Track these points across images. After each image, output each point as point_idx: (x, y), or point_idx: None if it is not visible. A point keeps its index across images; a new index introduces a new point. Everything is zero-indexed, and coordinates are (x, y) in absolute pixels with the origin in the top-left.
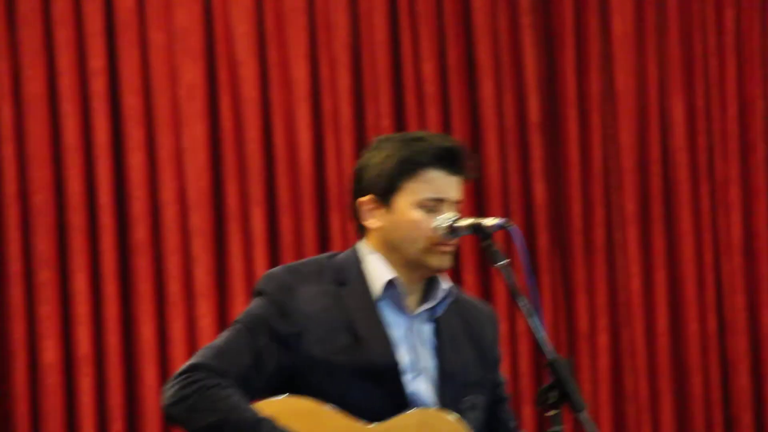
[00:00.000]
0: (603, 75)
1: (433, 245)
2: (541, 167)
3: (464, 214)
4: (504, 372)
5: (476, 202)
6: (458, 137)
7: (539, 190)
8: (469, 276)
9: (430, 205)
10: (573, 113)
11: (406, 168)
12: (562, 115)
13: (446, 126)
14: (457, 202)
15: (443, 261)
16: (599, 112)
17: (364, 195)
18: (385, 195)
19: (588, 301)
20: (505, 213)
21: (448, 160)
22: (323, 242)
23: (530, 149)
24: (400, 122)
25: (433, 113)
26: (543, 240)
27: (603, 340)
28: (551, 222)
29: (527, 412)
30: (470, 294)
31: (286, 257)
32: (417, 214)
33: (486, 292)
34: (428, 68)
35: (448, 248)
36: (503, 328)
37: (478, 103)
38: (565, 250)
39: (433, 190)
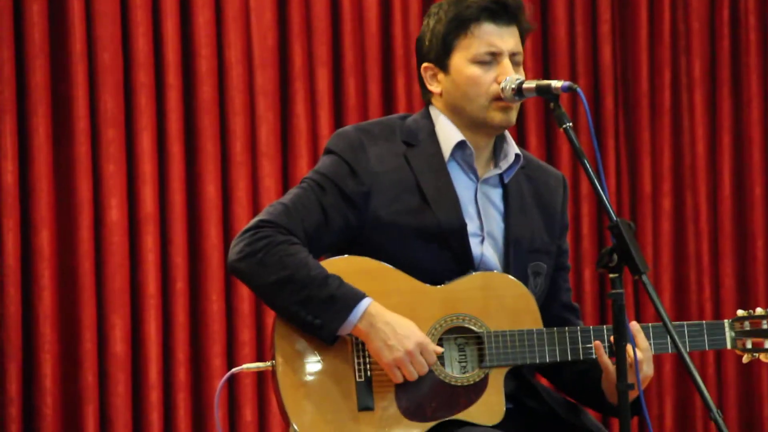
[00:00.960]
0: None
1: (494, 100)
2: (609, 29)
3: (529, 76)
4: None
5: (543, 64)
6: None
7: (606, 52)
8: (533, 139)
9: (485, 60)
10: None
11: (456, 26)
12: None
13: None
14: (515, 54)
15: (505, 117)
16: None
17: (424, 62)
18: (442, 58)
19: (652, 163)
20: (571, 76)
21: (498, 12)
22: (388, 103)
23: (598, 12)
24: None
25: None
26: (609, 102)
27: (667, 202)
28: (617, 84)
29: (588, 274)
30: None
31: (351, 118)
32: (474, 70)
33: (550, 155)
34: None
35: (508, 104)
36: None
37: None
38: (630, 112)
39: (485, 44)
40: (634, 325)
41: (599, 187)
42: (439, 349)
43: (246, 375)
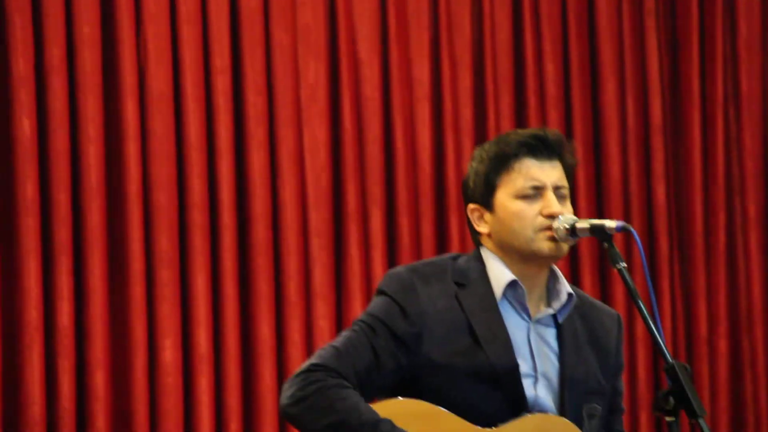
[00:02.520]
0: (728, 77)
1: (540, 231)
2: (663, 169)
3: (583, 216)
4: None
5: (597, 204)
6: (579, 139)
7: (660, 193)
8: (587, 278)
9: (529, 194)
10: (696, 115)
11: (498, 164)
12: (686, 117)
13: (567, 127)
14: (559, 188)
15: (555, 246)
16: (723, 115)
17: (470, 204)
18: (487, 198)
19: (708, 305)
20: (625, 215)
21: (538, 147)
22: (441, 243)
23: (652, 151)
24: (521, 123)
25: (554, 115)
26: (663, 243)
27: (723, 345)
28: (672, 225)
29: (644, 418)
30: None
31: (405, 258)
32: (518, 205)
33: (604, 295)
34: (550, 69)
35: (554, 233)
36: None
37: (600, 105)
38: (685, 253)
39: (527, 178)
40: None
41: (654, 329)
42: None
43: None
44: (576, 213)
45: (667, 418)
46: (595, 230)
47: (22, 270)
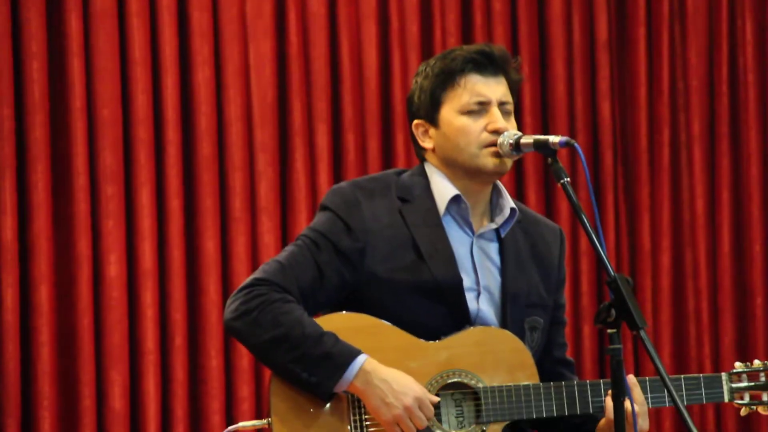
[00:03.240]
0: None
1: (485, 147)
2: (608, 86)
3: (528, 132)
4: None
5: (542, 121)
6: (525, 56)
7: (605, 109)
8: (532, 194)
9: (474, 109)
10: (642, 32)
11: (443, 80)
12: (631, 33)
13: (513, 43)
14: (504, 103)
15: (499, 162)
16: (668, 32)
17: (415, 120)
18: (431, 113)
19: (651, 219)
20: (570, 131)
21: (484, 63)
22: (387, 159)
23: (598, 68)
24: (467, 40)
25: (500, 31)
26: (608, 158)
27: (666, 259)
28: (617, 141)
29: (587, 330)
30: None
31: (350, 174)
32: (463, 121)
33: (548, 210)
34: None
35: (498, 149)
36: None
37: (546, 21)
38: (630, 168)
39: (473, 94)
40: (631, 379)
41: (597, 243)
42: (435, 399)
43: None
44: (522, 129)
45: (609, 330)
46: (539, 145)
47: None
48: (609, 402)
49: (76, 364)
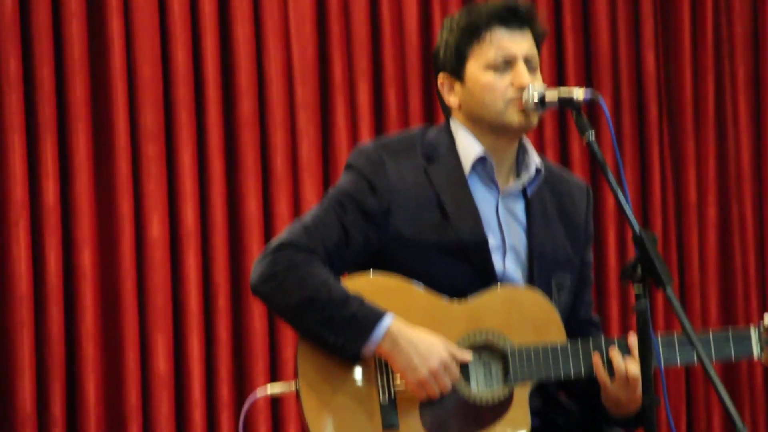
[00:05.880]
0: None
1: (511, 103)
2: (652, 36)
3: (572, 83)
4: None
5: (585, 73)
6: (568, 7)
7: (650, 60)
8: (551, 150)
9: (499, 65)
10: None
11: (468, 34)
12: None
13: None
14: (529, 59)
15: (525, 118)
16: None
17: (440, 74)
18: (457, 68)
19: (697, 173)
20: (614, 83)
21: (509, 17)
22: (429, 115)
23: (641, 18)
24: None
25: None
26: (653, 111)
27: (712, 213)
28: (661, 92)
29: (613, 286)
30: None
31: (392, 130)
32: (488, 77)
33: (568, 166)
34: None
35: (524, 105)
36: None
37: None
38: (675, 121)
39: (498, 49)
40: (632, 340)
41: (623, 199)
42: (468, 357)
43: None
44: (565, 82)
45: (635, 288)
46: (564, 101)
47: (6, 148)
48: (617, 359)
49: (119, 326)
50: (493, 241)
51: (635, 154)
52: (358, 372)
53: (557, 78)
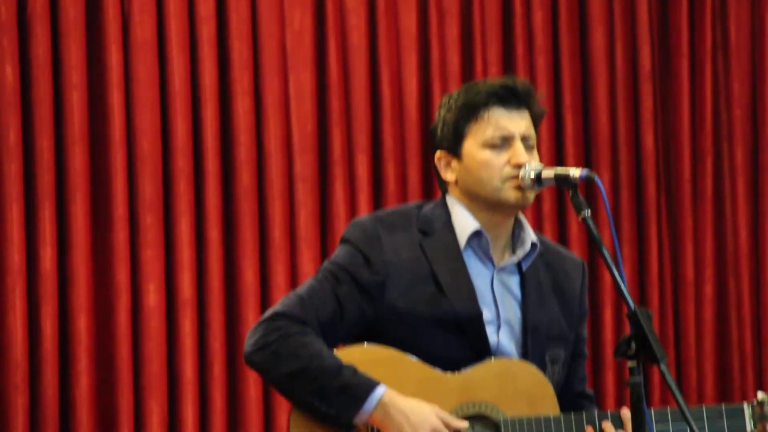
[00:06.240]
0: (716, 25)
1: (507, 181)
2: (651, 116)
3: (571, 163)
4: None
5: (585, 151)
6: (568, 86)
7: (648, 140)
8: (549, 226)
9: (497, 143)
10: (685, 63)
11: (467, 113)
12: (674, 64)
13: (555, 74)
14: (527, 138)
15: (521, 195)
16: (711, 62)
17: (437, 151)
18: (454, 146)
19: (695, 250)
20: (613, 162)
21: (507, 97)
22: (428, 190)
23: (641, 98)
24: (508, 70)
25: (542, 62)
26: (651, 189)
27: (709, 289)
28: (660, 171)
29: (609, 360)
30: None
31: (390, 204)
32: (486, 154)
33: (565, 243)
34: (539, 17)
35: (520, 182)
36: None
37: (588, 52)
38: (673, 198)
39: (496, 128)
40: (625, 413)
41: (617, 276)
42: (462, 425)
43: None
44: (564, 159)
45: (629, 363)
46: (560, 179)
47: (5, 215)
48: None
49: (114, 393)
50: (487, 314)
51: (633, 231)
52: None
53: (556, 156)
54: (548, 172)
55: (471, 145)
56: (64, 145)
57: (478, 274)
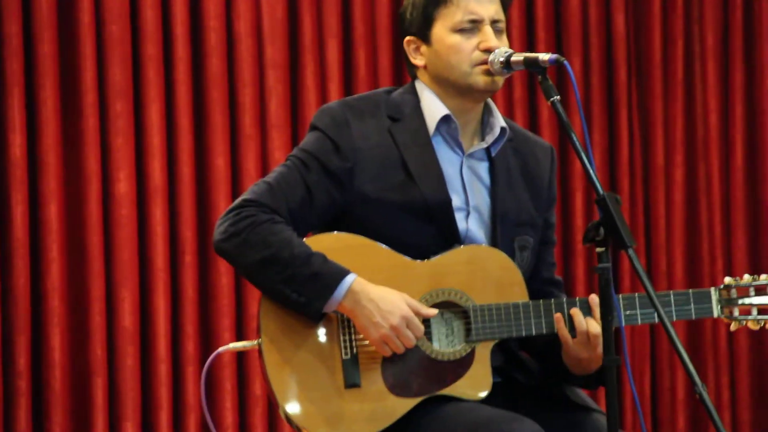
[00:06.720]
0: None
1: (477, 66)
2: (622, 0)
3: (541, 47)
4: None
5: (555, 35)
6: None
7: (619, 22)
8: (520, 112)
9: (466, 27)
10: None
11: None
12: None
13: None
14: (496, 21)
15: (490, 80)
16: None
17: (406, 36)
18: (423, 30)
19: (665, 135)
20: (584, 45)
21: None
22: (398, 75)
23: None
24: None
25: None
26: (622, 73)
27: (679, 174)
28: (630, 54)
29: (579, 247)
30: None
31: (360, 90)
32: (455, 39)
33: (535, 129)
34: None
35: (489, 67)
36: None
37: None
38: (643, 83)
39: (465, 12)
40: (593, 299)
41: (586, 161)
42: (431, 312)
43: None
44: (535, 44)
45: (597, 249)
46: (530, 63)
47: None
48: (579, 318)
49: (85, 282)
50: (456, 201)
51: (604, 117)
52: (320, 329)
53: (527, 41)
54: (517, 57)
55: (440, 30)
56: (33, 31)
57: (447, 160)
